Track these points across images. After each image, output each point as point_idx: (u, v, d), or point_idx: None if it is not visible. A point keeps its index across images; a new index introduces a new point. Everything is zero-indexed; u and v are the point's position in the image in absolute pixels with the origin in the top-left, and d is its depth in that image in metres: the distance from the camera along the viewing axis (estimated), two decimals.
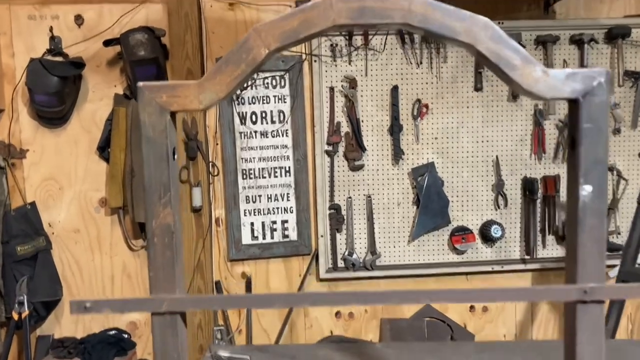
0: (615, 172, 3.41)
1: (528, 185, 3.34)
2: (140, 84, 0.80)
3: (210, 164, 3.19)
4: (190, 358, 2.94)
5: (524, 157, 3.35)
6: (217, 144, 3.20)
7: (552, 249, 3.41)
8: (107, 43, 2.94)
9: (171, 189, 0.82)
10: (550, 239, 3.40)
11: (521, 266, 3.40)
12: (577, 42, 3.30)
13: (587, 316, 0.82)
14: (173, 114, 0.82)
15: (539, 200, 3.35)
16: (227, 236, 3.24)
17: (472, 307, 3.44)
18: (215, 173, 3.20)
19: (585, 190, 0.80)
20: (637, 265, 2.71)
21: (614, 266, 3.43)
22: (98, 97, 3.14)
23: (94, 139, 3.15)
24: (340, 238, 3.28)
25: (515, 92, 0.86)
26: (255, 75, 3.19)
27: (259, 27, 0.79)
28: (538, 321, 3.50)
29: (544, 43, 3.28)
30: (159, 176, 0.81)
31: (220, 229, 3.25)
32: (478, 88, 3.27)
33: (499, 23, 3.19)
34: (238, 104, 3.20)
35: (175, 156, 0.85)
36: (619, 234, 3.44)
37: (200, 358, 3.03)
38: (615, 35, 3.27)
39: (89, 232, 3.20)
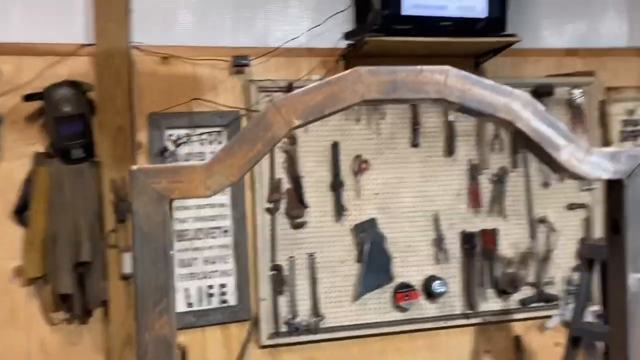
0: (547, 224, 3.51)
1: (467, 239, 3.35)
2: (135, 167, 0.66)
3: None
4: None
5: (462, 211, 3.38)
6: None
7: (492, 303, 3.42)
8: (29, 98, 2.70)
9: (169, 293, 0.68)
10: (490, 292, 3.41)
11: (464, 321, 3.38)
12: None
13: None
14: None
15: (478, 254, 3.36)
16: None
17: None
18: None
19: (634, 278, 0.74)
20: (588, 320, 2.75)
21: (550, 316, 3.51)
22: (15, 156, 2.86)
23: (9, 201, 2.84)
24: (283, 301, 3.12)
25: (555, 172, 0.81)
26: (190, 132, 3.04)
27: (278, 102, 0.68)
28: None
29: None
30: (154, 278, 0.67)
31: None
32: (415, 144, 3.29)
33: None
34: (171, 162, 3.02)
35: (172, 252, 0.71)
36: (553, 284, 3.52)
37: None
38: (541, 93, 3.41)
39: (2, 305, 2.86)
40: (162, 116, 2.97)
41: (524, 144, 0.75)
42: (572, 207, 3.54)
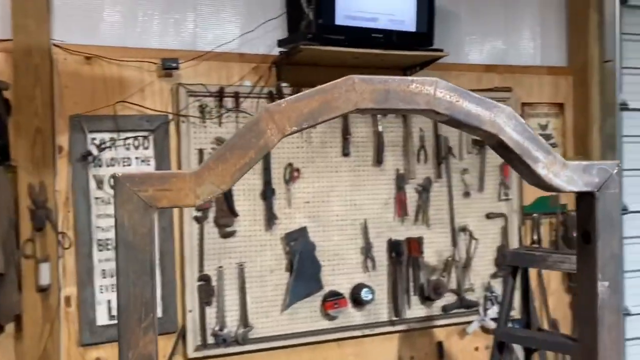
0: (467, 233, 3.65)
1: (394, 248, 3.42)
2: (119, 174, 0.61)
3: (61, 234, 2.79)
4: None
5: (389, 220, 3.45)
6: (68, 212, 2.83)
7: (417, 309, 3.51)
8: None
9: (154, 309, 0.63)
10: (415, 299, 3.50)
11: (390, 328, 3.44)
12: None
13: None
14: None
15: (404, 262, 3.44)
16: (80, 317, 2.83)
17: None
18: (67, 245, 2.81)
19: (603, 286, 0.77)
20: (509, 325, 2.87)
21: (470, 322, 3.65)
22: None
23: None
24: (210, 312, 3.04)
25: (531, 184, 0.83)
26: (115, 136, 2.91)
27: (272, 108, 0.66)
28: None
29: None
30: (139, 293, 0.62)
31: (71, 310, 2.83)
32: (346, 153, 3.33)
33: None
34: (94, 167, 2.88)
35: (155, 266, 0.66)
36: (473, 290, 3.66)
37: None
38: None
39: None
40: (85, 119, 2.83)
41: (504, 156, 0.77)
42: (490, 216, 3.71)
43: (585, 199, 0.79)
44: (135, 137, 2.95)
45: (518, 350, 3.60)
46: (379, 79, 0.69)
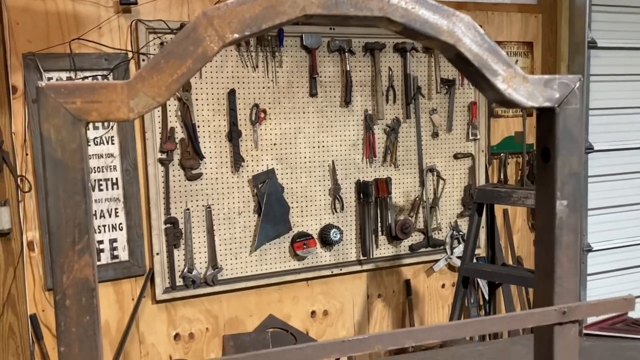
0: (435, 173, 3.67)
1: (362, 189, 3.42)
2: (42, 83, 0.56)
3: (20, 177, 2.70)
4: None
5: (357, 161, 3.43)
6: (26, 154, 2.73)
7: (384, 249, 3.54)
8: None
9: (89, 230, 0.59)
10: (382, 239, 3.53)
11: (358, 267, 3.48)
12: (401, 50, 3.47)
13: (564, 337, 0.78)
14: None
15: (372, 203, 3.45)
16: (44, 262, 2.78)
17: (313, 313, 3.42)
18: (26, 189, 2.72)
19: (562, 205, 0.76)
20: (474, 261, 2.91)
21: (437, 261, 3.71)
22: None
23: None
24: (179, 254, 3.02)
25: (491, 99, 0.80)
26: (73, 75, 2.79)
27: (210, 12, 0.60)
28: (374, 319, 3.61)
29: (372, 50, 3.38)
30: (72, 213, 0.58)
31: (34, 254, 2.77)
32: (313, 94, 3.26)
33: (331, 29, 3.22)
34: None
35: (89, 184, 0.62)
36: (440, 230, 3.71)
37: None
38: None
39: None
40: (39, 57, 2.69)
41: (462, 69, 0.73)
42: (458, 156, 3.72)
43: (546, 115, 0.76)
44: (94, 77, 2.84)
45: (482, 285, 3.69)
46: None
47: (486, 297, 3.48)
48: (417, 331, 0.70)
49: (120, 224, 2.92)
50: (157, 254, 2.97)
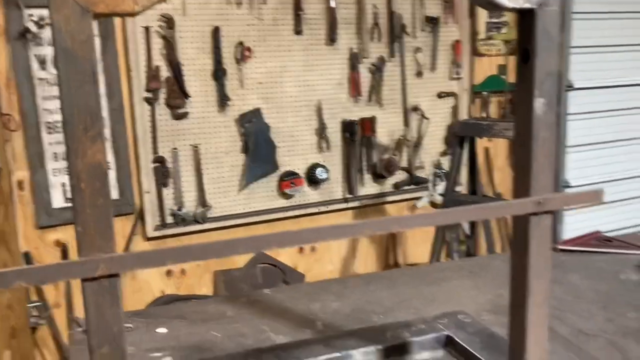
0: (419, 112, 3.71)
1: (347, 128, 3.46)
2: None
3: (6, 117, 2.70)
4: (3, 343, 2.54)
5: (342, 100, 3.46)
6: (12, 94, 2.72)
7: (369, 187, 3.62)
8: None
9: (100, 119, 0.63)
10: (367, 177, 3.60)
11: (343, 205, 3.56)
12: None
13: (539, 227, 0.84)
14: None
15: (357, 142, 3.50)
16: (35, 200, 2.82)
17: (301, 249, 3.52)
18: (13, 128, 2.73)
19: (539, 102, 0.81)
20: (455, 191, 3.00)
21: (420, 198, 3.80)
22: None
23: None
24: (168, 193, 3.07)
25: (476, 2, 0.83)
26: None
27: None
28: (359, 254, 3.72)
29: None
30: (84, 101, 0.62)
31: (24, 193, 2.80)
32: (298, 31, 3.25)
33: None
34: (35, 45, 2.74)
35: (98, 76, 0.65)
36: (423, 168, 3.78)
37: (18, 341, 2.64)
38: None
39: None
40: None
41: None
42: (441, 95, 3.76)
43: (526, 17, 0.80)
44: None
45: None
46: None
47: (467, 232, 3.59)
48: (404, 218, 0.76)
49: (109, 163, 2.94)
50: (147, 192, 3.01)
